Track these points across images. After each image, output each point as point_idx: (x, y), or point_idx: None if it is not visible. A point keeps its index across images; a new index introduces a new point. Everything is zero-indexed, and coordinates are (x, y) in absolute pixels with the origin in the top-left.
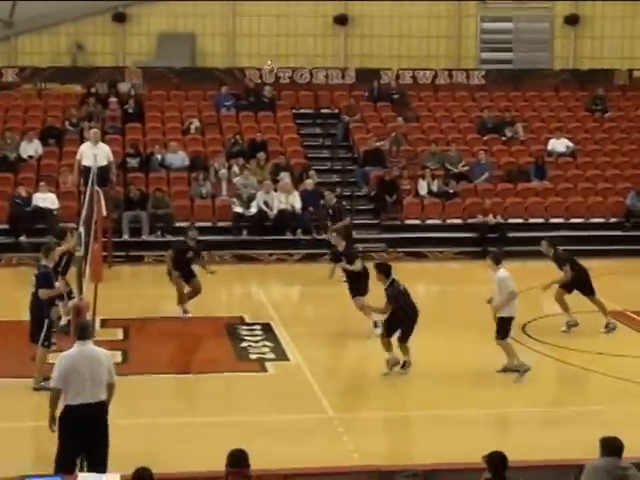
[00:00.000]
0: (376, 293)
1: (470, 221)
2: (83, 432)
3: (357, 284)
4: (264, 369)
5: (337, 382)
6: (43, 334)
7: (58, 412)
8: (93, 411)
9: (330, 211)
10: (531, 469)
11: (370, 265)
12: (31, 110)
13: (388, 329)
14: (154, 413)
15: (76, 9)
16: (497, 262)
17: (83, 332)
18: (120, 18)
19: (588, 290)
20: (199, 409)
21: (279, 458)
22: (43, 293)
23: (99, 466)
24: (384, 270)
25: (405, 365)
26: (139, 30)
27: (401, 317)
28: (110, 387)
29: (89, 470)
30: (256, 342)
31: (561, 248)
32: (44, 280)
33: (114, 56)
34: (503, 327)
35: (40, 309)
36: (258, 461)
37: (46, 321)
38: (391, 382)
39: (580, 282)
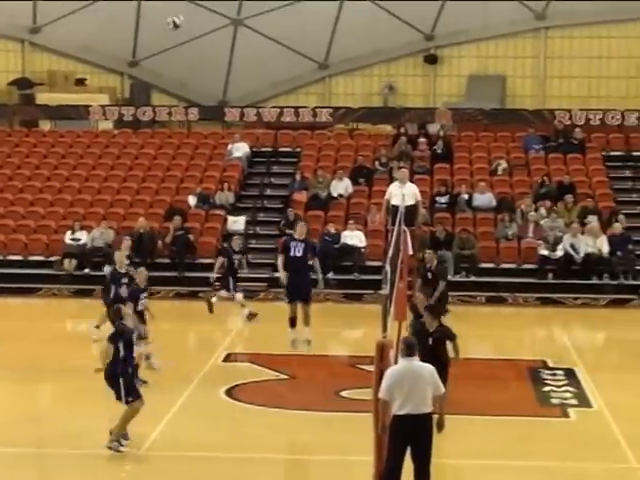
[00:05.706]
0: None
1: None
2: (407, 441)
3: None
4: (566, 415)
5: None
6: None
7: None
8: (417, 423)
9: (429, 274)
10: None
11: None
12: (343, 149)
13: None
14: (459, 454)
15: (389, 51)
16: None
17: (409, 350)
18: (432, 60)
19: None
20: (497, 452)
21: None
22: None
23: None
24: None
25: None
26: (449, 71)
27: None
28: (438, 399)
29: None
30: (559, 387)
31: None
32: None
33: (424, 97)
34: None
35: None
36: None
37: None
38: None
39: None
